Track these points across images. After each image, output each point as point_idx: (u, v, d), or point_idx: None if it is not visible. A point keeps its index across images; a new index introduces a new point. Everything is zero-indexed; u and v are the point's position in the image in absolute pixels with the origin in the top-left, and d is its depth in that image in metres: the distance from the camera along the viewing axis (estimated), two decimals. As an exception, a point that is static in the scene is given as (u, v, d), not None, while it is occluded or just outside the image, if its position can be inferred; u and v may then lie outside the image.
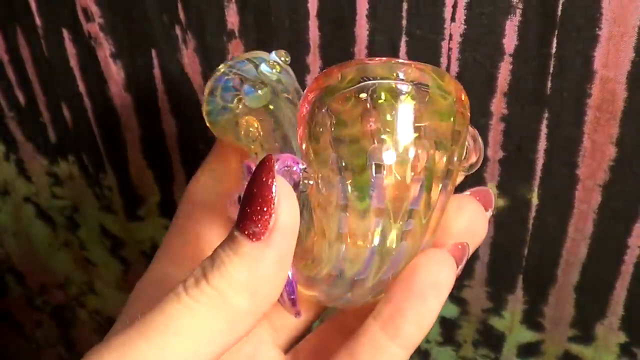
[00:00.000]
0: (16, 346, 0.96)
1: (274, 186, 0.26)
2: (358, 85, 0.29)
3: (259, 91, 0.34)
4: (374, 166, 0.29)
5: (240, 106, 0.34)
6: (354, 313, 0.34)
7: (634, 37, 0.36)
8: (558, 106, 0.40)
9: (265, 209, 0.26)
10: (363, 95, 0.29)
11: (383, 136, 0.29)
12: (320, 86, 0.30)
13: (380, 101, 0.29)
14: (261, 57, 0.36)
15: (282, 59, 0.36)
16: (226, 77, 0.35)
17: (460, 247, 0.31)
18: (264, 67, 0.35)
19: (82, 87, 0.56)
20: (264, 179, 0.26)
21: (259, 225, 0.26)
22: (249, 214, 0.26)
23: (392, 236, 0.30)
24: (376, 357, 0.30)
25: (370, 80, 0.29)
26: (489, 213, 0.33)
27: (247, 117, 0.34)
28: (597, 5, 0.36)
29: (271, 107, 0.34)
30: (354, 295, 0.32)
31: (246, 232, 0.26)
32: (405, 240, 0.30)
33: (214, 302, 0.26)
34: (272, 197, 0.26)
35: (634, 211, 0.42)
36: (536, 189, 0.44)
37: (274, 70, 0.35)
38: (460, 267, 0.31)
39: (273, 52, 0.36)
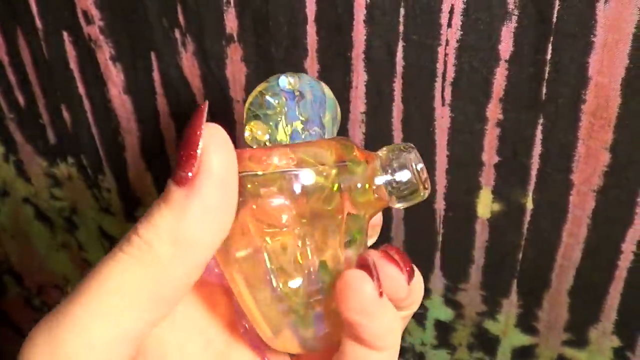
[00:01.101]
0: (13, 346, 0.96)
1: (200, 131, 0.25)
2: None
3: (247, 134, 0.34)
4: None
5: None
6: None
7: (629, 44, 0.36)
8: (553, 112, 0.40)
9: (191, 153, 0.25)
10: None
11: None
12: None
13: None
14: (271, 85, 0.35)
15: (293, 79, 0.35)
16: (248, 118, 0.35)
17: (364, 258, 0.30)
18: (268, 99, 0.34)
19: (81, 90, 0.56)
20: (192, 125, 0.26)
21: (186, 169, 0.25)
22: (178, 159, 0.25)
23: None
24: None
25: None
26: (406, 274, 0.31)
27: None
28: (592, 12, 0.36)
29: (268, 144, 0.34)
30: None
31: (174, 179, 0.26)
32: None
33: (140, 253, 0.26)
34: (197, 141, 0.25)
35: (628, 216, 0.42)
36: (531, 194, 0.44)
37: (276, 101, 0.34)
38: (376, 280, 0.29)
39: (282, 77, 0.35)
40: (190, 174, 0.25)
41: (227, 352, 0.34)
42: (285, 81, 0.34)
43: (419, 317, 0.56)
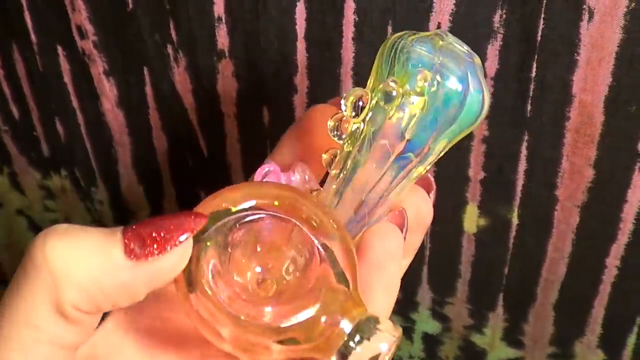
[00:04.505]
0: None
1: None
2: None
3: None
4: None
5: None
6: None
7: (611, 62, 0.37)
8: (538, 129, 0.41)
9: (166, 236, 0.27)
10: None
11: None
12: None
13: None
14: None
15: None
16: None
17: (397, 213, 0.32)
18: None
19: (75, 103, 0.56)
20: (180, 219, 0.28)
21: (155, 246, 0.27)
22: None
23: None
24: None
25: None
26: (432, 196, 0.34)
27: None
28: (576, 31, 0.37)
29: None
30: None
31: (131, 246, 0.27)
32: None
33: None
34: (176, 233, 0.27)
35: (612, 232, 0.43)
36: (516, 209, 0.45)
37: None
38: (404, 231, 0.32)
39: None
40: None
41: None
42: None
43: (407, 330, 0.56)
